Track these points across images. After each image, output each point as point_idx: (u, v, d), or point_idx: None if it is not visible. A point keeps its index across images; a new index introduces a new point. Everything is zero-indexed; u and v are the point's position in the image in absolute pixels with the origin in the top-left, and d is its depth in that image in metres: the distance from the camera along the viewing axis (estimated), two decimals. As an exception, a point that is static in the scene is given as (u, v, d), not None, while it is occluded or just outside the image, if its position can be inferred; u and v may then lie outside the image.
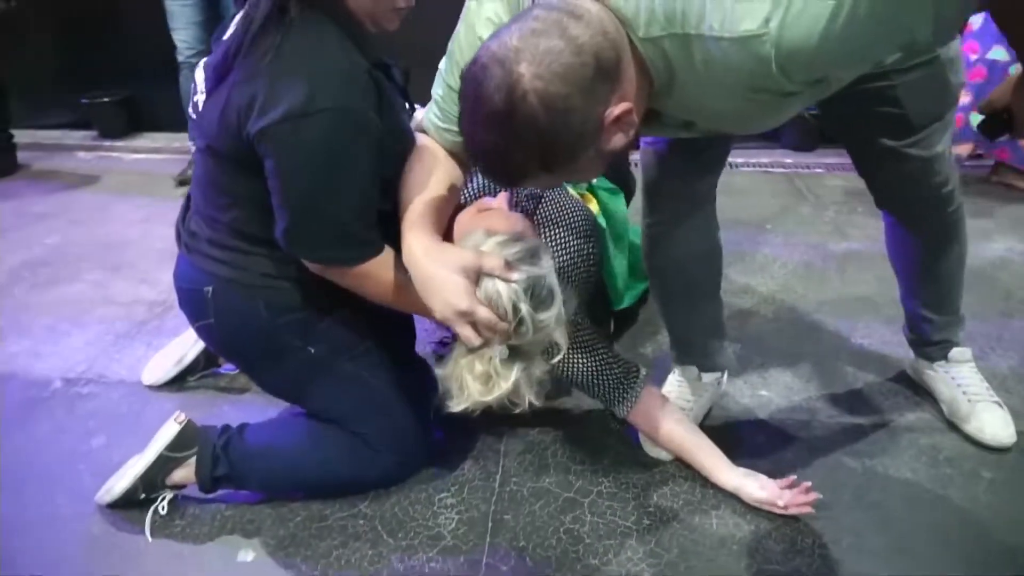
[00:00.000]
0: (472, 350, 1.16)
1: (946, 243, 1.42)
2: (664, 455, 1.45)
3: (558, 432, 1.55)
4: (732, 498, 1.36)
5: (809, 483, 1.30)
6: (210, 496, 1.37)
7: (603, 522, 1.33)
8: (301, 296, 1.24)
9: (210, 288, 1.22)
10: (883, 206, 1.42)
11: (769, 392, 1.66)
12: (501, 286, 1.10)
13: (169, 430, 1.32)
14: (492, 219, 1.20)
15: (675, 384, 1.55)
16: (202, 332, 1.30)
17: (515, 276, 1.11)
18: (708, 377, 1.54)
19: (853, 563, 1.24)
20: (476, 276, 1.10)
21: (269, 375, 1.33)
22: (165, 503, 1.33)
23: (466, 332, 1.10)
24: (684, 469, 1.44)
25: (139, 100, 3.60)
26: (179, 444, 1.31)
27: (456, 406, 1.18)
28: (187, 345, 1.72)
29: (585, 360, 1.39)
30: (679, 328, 1.52)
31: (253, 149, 1.08)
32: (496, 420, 1.56)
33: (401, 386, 1.33)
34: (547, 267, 1.16)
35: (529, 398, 1.21)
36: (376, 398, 1.31)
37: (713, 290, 1.47)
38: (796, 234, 2.43)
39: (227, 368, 1.76)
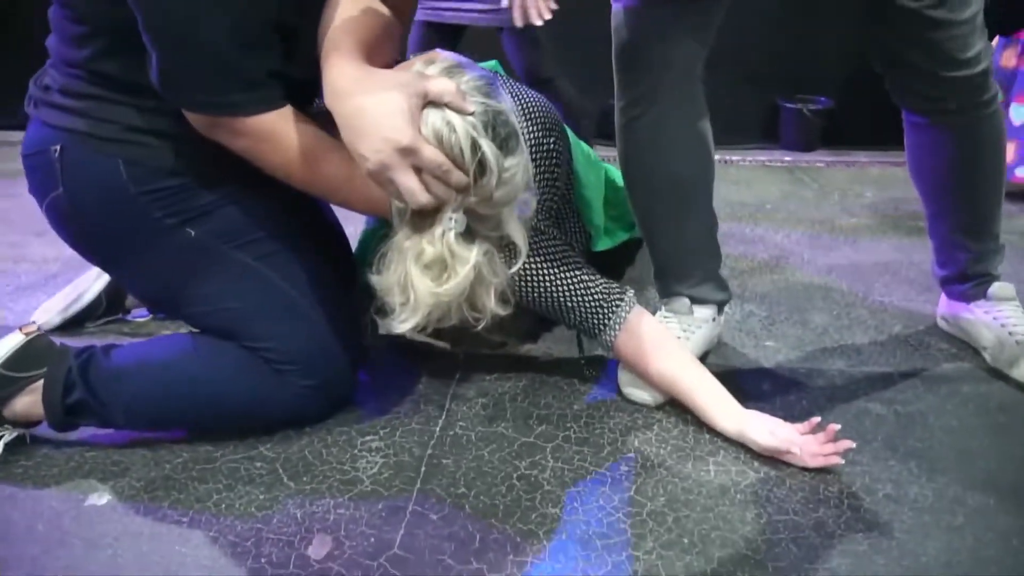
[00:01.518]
0: (418, 227, 0.90)
1: (981, 143, 1.18)
2: (648, 398, 1.17)
3: (520, 378, 1.26)
4: (736, 445, 1.07)
5: (838, 426, 1.02)
6: (70, 437, 1.08)
7: (569, 468, 1.04)
8: (175, 157, 0.98)
9: (58, 146, 0.97)
10: (905, 99, 1.19)
11: (776, 343, 1.38)
12: (454, 117, 0.85)
13: (9, 342, 1.03)
14: (431, 55, 0.96)
15: (661, 320, 1.28)
16: (52, 213, 1.03)
17: (470, 107, 0.86)
18: (701, 311, 1.27)
19: (893, 515, 0.94)
20: (420, 105, 0.85)
21: (137, 269, 1.04)
22: (1, 444, 1.04)
23: (408, 182, 0.84)
24: (674, 414, 1.15)
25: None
26: (23, 361, 1.02)
27: (400, 322, 0.90)
28: (86, 283, 1.45)
29: (554, 276, 1.13)
30: (664, 248, 1.26)
31: None
32: (444, 364, 1.30)
33: (315, 287, 1.05)
34: (507, 103, 0.92)
35: (492, 306, 0.94)
36: (279, 300, 1.03)
37: (704, 196, 1.22)
38: (800, 212, 2.20)
39: (137, 314, 1.49)
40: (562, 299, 1.13)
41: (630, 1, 1.09)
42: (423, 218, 0.89)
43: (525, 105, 1.17)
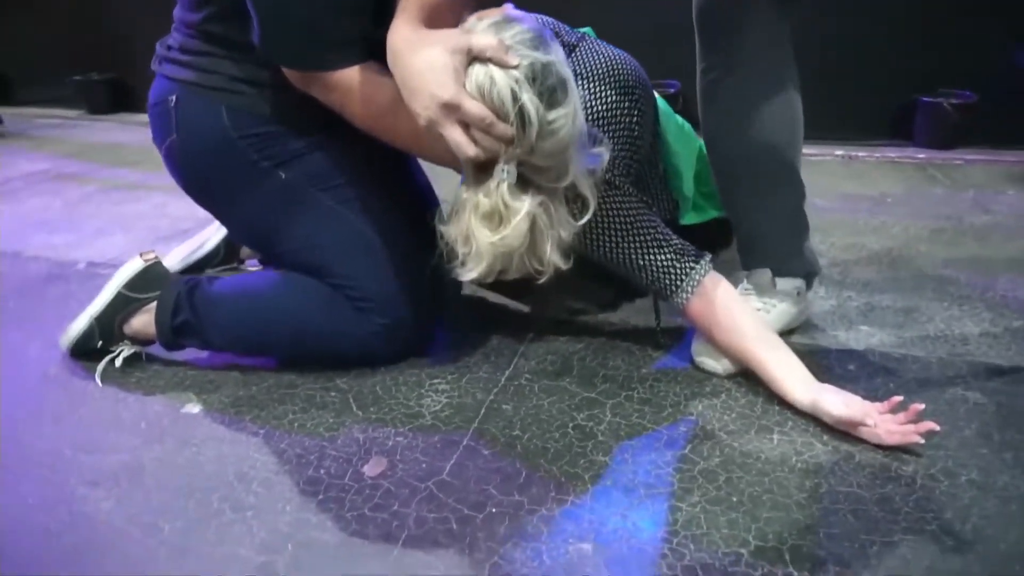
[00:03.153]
0: (477, 180, 0.93)
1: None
2: (719, 367, 1.14)
3: (593, 341, 1.27)
4: (806, 419, 1.03)
5: (922, 405, 0.95)
6: (177, 357, 1.21)
7: (626, 424, 1.03)
8: (270, 106, 1.08)
9: (174, 96, 1.09)
10: None
11: (871, 328, 1.30)
12: (496, 71, 0.88)
13: (131, 266, 1.17)
14: (487, 11, 0.98)
15: (741, 292, 1.24)
16: (168, 158, 1.15)
17: (514, 60, 0.89)
18: (785, 284, 1.22)
19: (974, 500, 0.87)
20: (465, 61, 0.89)
21: (236, 208, 1.15)
22: (121, 357, 1.18)
23: (455, 136, 0.88)
24: (745, 385, 1.12)
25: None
26: (141, 283, 1.16)
27: (467, 271, 0.94)
28: (207, 234, 1.61)
29: (626, 232, 1.12)
30: (746, 220, 1.22)
31: None
32: (519, 324, 1.33)
33: (391, 234, 1.12)
34: (557, 55, 0.93)
35: (553, 258, 0.96)
36: (360, 240, 1.10)
37: (789, 168, 1.17)
38: (925, 207, 2.04)
39: (250, 263, 1.63)
40: (634, 256, 1.13)
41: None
42: (481, 171, 0.93)
43: (604, 69, 1.17)
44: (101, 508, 0.88)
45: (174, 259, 1.60)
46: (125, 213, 2.13)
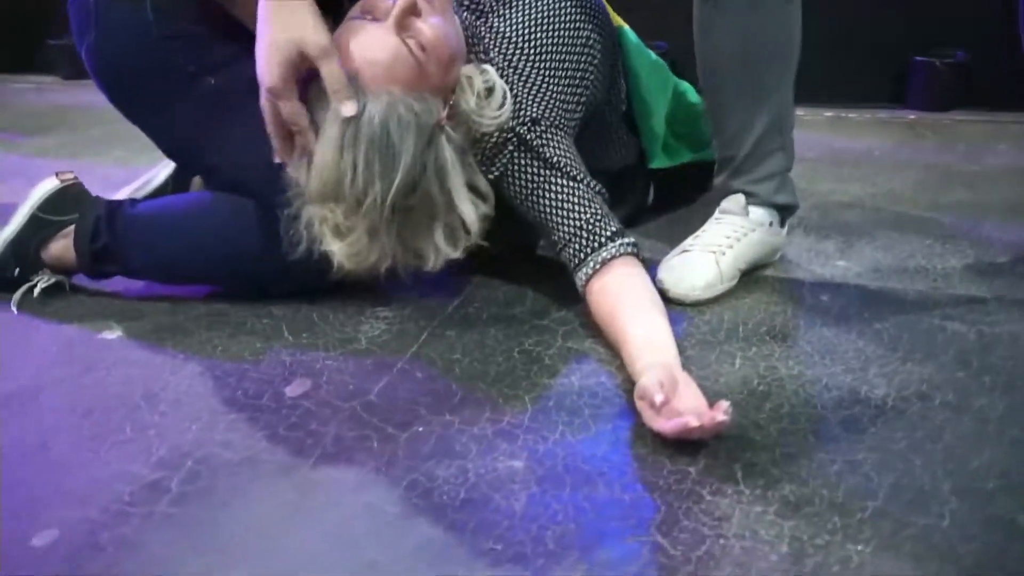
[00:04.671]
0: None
1: None
2: (687, 295, 1.06)
3: (554, 273, 1.18)
4: (773, 344, 0.95)
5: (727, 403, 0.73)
6: (105, 287, 1.12)
7: (577, 348, 0.96)
8: (201, 6, 0.99)
9: None
10: None
11: (849, 263, 1.22)
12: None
13: (45, 186, 1.09)
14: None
15: (712, 221, 1.15)
16: (89, 59, 1.06)
17: (348, 109, 0.86)
18: (757, 213, 1.13)
19: (947, 421, 0.79)
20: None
21: (161, 118, 1.06)
22: (41, 286, 1.09)
23: (269, 118, 0.90)
24: (709, 312, 1.04)
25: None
26: (57, 205, 1.08)
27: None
28: (155, 171, 1.52)
29: (541, 182, 0.99)
30: (728, 134, 1.12)
31: None
32: (477, 255, 1.24)
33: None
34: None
35: (443, 249, 0.93)
36: (295, 153, 1.02)
37: (784, 80, 1.08)
38: (913, 158, 1.96)
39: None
40: (548, 211, 0.99)
41: None
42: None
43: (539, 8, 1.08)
44: (-16, 430, 0.81)
45: (120, 196, 1.51)
46: (80, 166, 2.04)
